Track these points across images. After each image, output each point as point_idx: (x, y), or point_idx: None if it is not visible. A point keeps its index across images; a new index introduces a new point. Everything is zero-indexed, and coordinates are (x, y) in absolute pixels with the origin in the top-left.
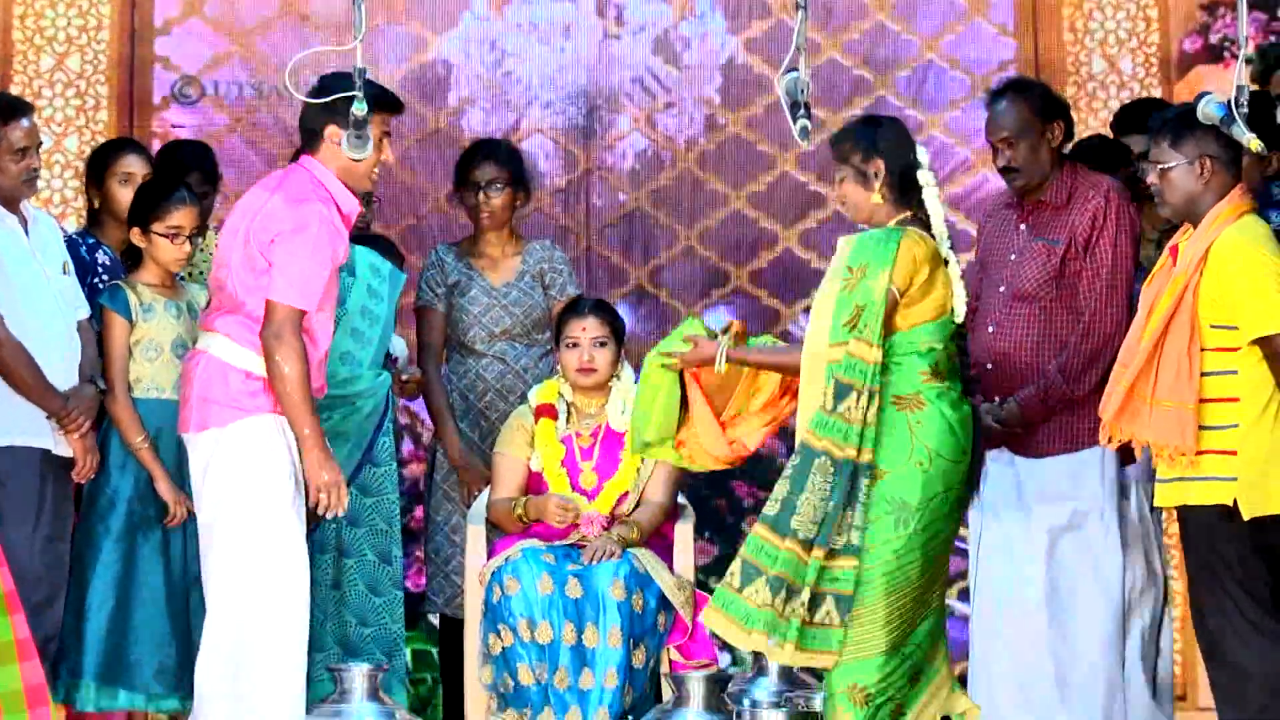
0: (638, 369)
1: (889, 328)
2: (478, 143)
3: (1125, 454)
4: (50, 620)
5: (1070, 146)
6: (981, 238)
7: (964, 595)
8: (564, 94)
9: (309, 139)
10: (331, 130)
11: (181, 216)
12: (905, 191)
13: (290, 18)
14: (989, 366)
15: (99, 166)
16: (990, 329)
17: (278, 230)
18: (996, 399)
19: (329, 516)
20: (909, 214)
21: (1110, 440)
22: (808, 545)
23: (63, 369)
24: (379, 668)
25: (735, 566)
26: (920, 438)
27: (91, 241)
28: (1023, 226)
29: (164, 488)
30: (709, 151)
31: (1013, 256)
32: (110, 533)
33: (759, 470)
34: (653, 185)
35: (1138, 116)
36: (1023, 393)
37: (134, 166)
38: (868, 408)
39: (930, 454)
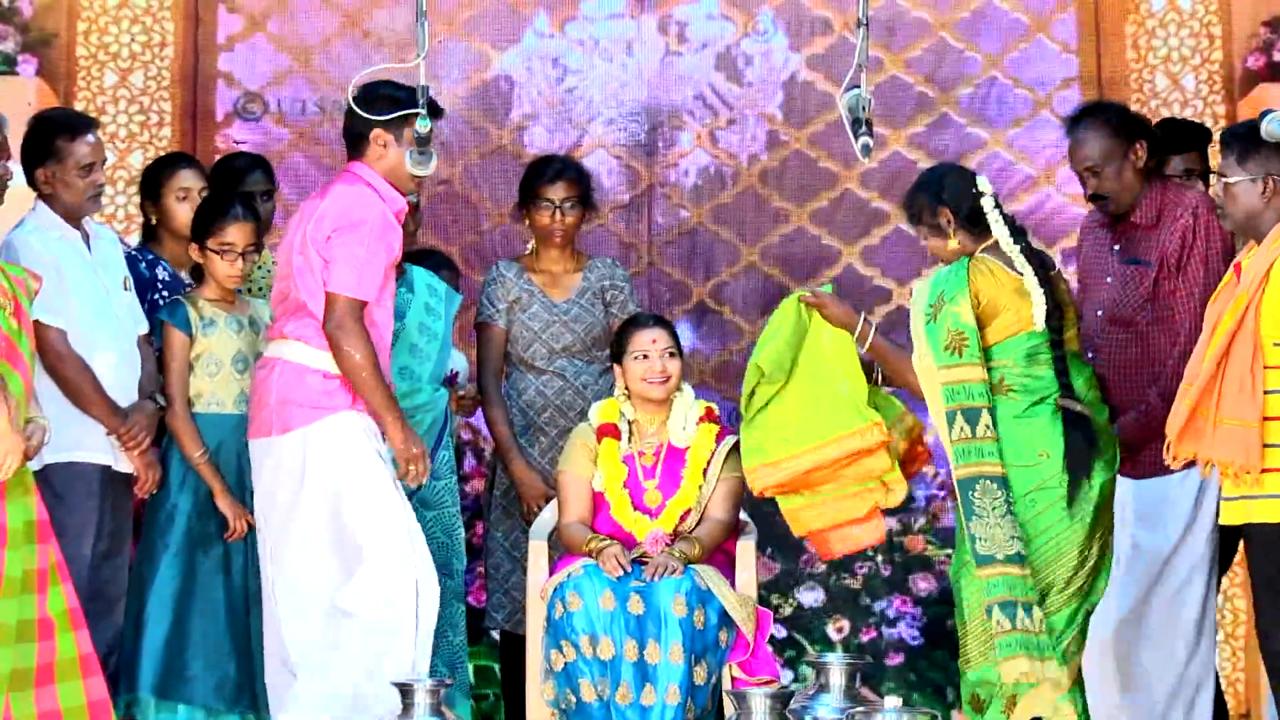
0: (695, 386)
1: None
2: (546, 160)
3: None
4: (110, 635)
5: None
6: (1079, 257)
7: None
8: (626, 110)
9: (355, 144)
10: (376, 133)
11: (234, 233)
12: (977, 225)
13: (352, 34)
14: None
15: (154, 183)
16: (1090, 354)
17: (333, 227)
18: None
19: (413, 486)
20: (994, 242)
21: (1175, 459)
22: (1015, 561)
23: (123, 385)
24: (442, 682)
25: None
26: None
27: (151, 257)
28: (1115, 248)
29: (224, 502)
30: (771, 168)
31: (1109, 279)
32: (169, 548)
33: None
34: (715, 202)
35: (1170, 138)
36: (1124, 419)
37: (190, 181)
38: (991, 424)
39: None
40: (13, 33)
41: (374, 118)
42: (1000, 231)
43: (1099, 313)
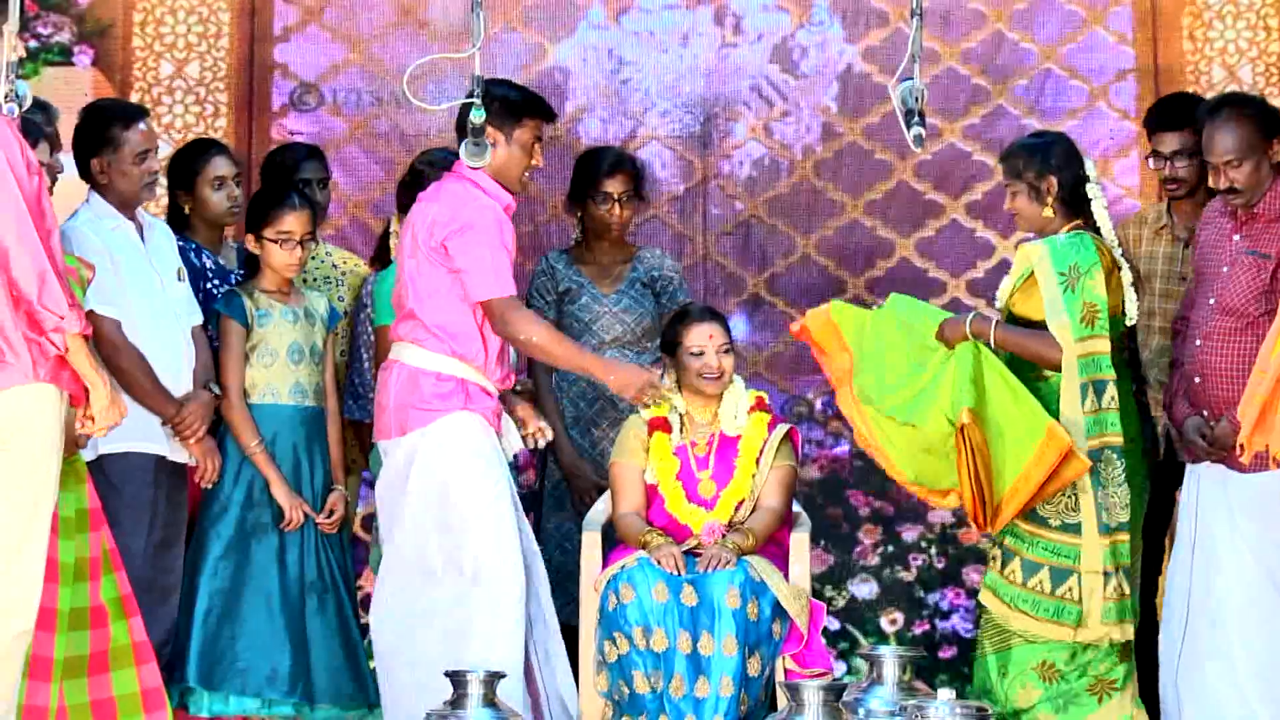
0: (748, 378)
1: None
2: (600, 152)
3: None
4: (163, 624)
5: None
6: (1196, 246)
7: None
8: (681, 102)
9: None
10: (489, 132)
11: (291, 221)
12: (1074, 204)
13: (408, 25)
14: (1197, 380)
15: (188, 171)
16: (1198, 342)
17: (446, 233)
18: (1204, 413)
19: (645, 405)
20: (1079, 223)
21: (1244, 452)
22: (1126, 529)
23: (178, 375)
24: (495, 673)
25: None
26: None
27: (195, 246)
28: (1236, 238)
29: (279, 492)
30: (826, 160)
31: (1225, 269)
32: (220, 538)
33: (874, 479)
34: (769, 194)
35: (1172, 112)
36: (1233, 412)
37: (224, 169)
38: (1115, 395)
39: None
40: (69, 23)
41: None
42: (1104, 219)
43: (1211, 301)
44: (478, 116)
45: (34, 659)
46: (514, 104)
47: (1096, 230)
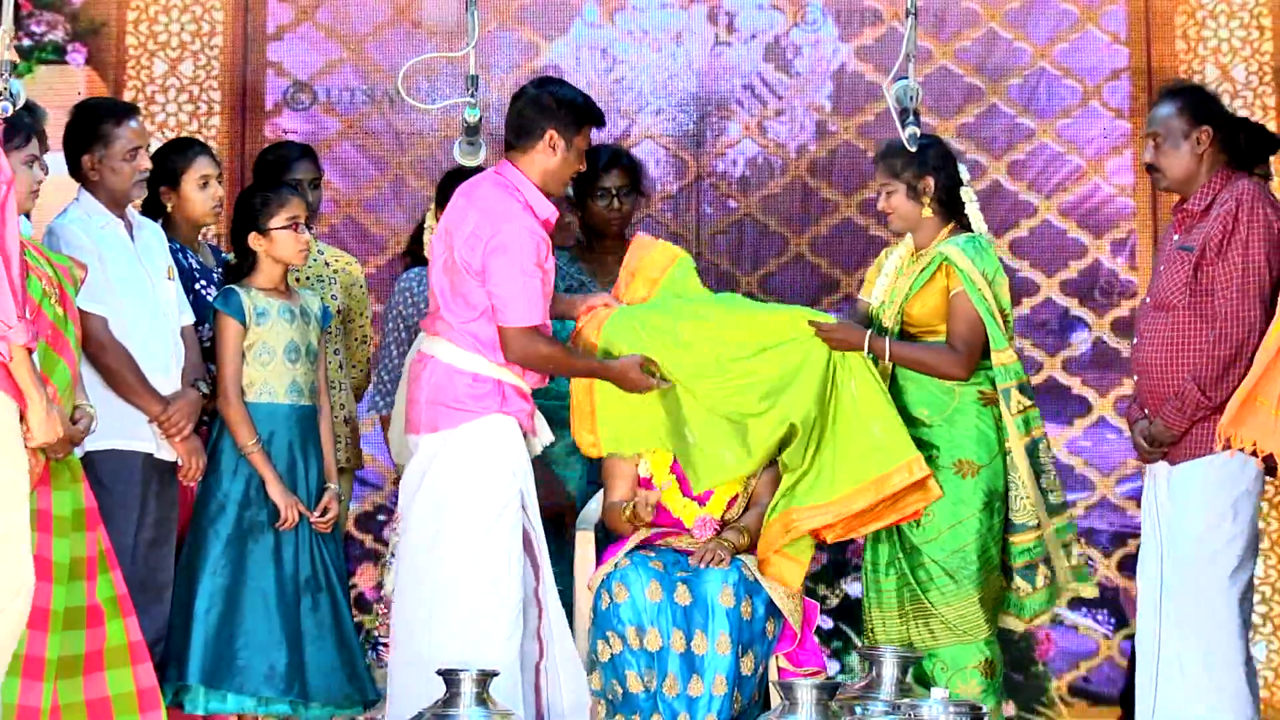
0: None
1: None
2: (597, 149)
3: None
4: (157, 623)
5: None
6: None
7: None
8: (675, 101)
9: (522, 137)
10: (551, 134)
11: (297, 204)
12: (950, 206)
13: (402, 24)
14: (1136, 377)
15: (173, 170)
16: (1135, 339)
17: (481, 251)
18: (1145, 411)
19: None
20: (954, 225)
21: (1226, 446)
22: (1069, 505)
23: (167, 374)
24: (488, 672)
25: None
26: (1001, 432)
27: (178, 246)
28: (1175, 236)
29: (275, 490)
30: (819, 159)
31: (1161, 266)
32: (220, 536)
33: None
34: (763, 192)
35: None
36: (1165, 408)
37: (209, 169)
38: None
39: (1004, 446)
40: (62, 21)
41: (544, 107)
42: (979, 223)
43: (1147, 300)
44: (472, 115)
45: (27, 658)
46: (580, 110)
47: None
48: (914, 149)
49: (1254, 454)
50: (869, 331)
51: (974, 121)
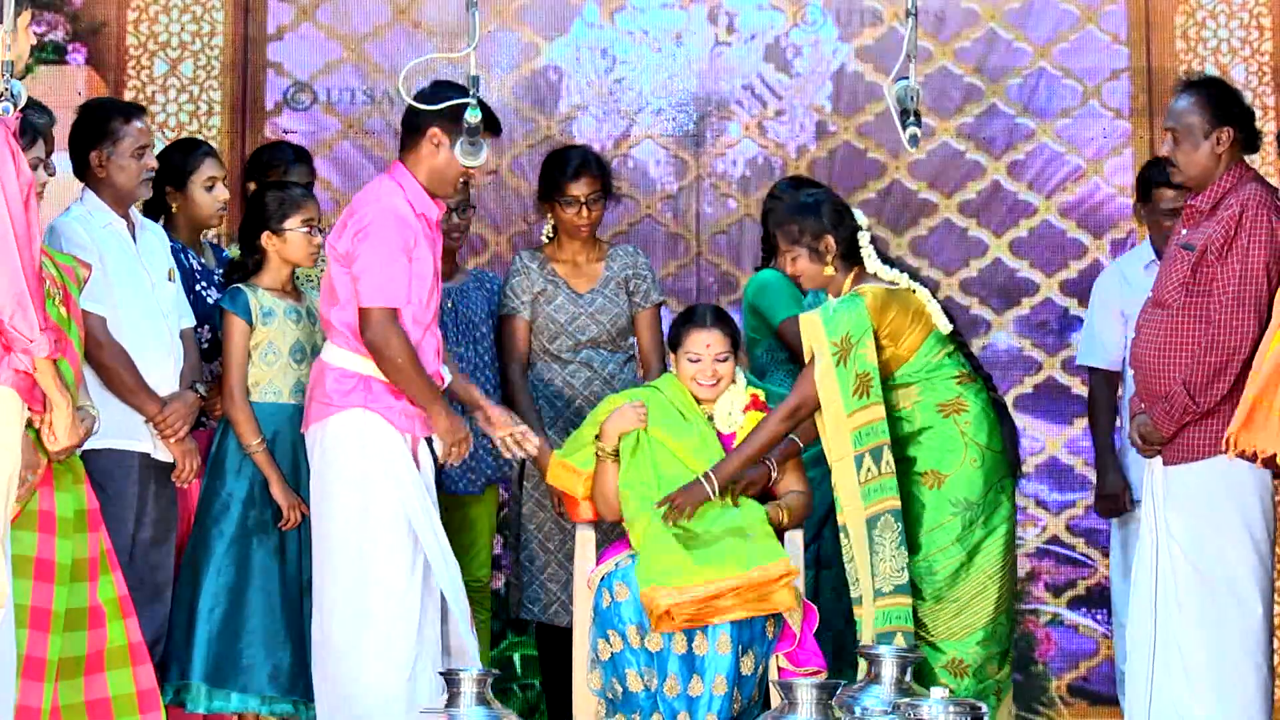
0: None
1: (893, 366)
2: (567, 154)
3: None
4: (157, 623)
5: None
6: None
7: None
8: (675, 101)
9: (408, 138)
10: (433, 131)
11: (313, 207)
12: (851, 255)
13: (402, 24)
14: (1134, 374)
15: (180, 171)
16: (1133, 334)
17: (349, 236)
18: (1144, 407)
19: (454, 464)
20: (859, 269)
21: (1231, 450)
22: (905, 591)
23: (165, 375)
24: (489, 671)
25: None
26: (971, 437)
27: (181, 246)
28: (1183, 231)
29: (278, 490)
30: (819, 159)
31: (1164, 264)
32: (224, 536)
33: None
34: (763, 193)
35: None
36: (1155, 408)
37: (215, 170)
38: (890, 459)
39: (982, 450)
40: (62, 21)
41: (430, 110)
42: (874, 263)
43: (1148, 295)
44: (473, 116)
45: (28, 659)
46: (459, 109)
47: (875, 276)
48: (913, 148)
49: (1253, 457)
50: (702, 475)
51: (974, 121)
